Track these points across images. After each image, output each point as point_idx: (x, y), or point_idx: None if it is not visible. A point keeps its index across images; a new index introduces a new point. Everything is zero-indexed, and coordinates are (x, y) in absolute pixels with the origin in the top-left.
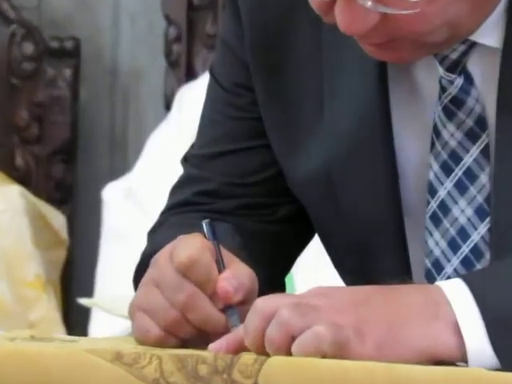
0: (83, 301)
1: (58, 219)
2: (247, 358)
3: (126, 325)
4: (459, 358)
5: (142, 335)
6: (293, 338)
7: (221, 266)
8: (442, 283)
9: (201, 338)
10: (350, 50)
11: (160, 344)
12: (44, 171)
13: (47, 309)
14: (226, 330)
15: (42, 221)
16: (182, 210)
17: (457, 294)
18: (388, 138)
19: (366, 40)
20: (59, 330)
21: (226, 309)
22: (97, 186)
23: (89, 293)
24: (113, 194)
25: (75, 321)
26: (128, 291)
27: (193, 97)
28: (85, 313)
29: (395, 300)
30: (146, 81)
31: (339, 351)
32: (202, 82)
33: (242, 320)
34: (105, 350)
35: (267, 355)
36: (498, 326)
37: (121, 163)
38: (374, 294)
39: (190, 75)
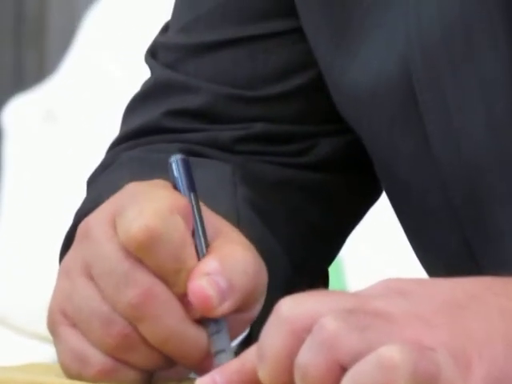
0: None
1: None
2: None
3: (42, 348)
4: None
5: (75, 366)
6: (343, 368)
7: (201, 243)
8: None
9: (174, 367)
10: None
11: (107, 379)
12: None
13: None
14: (206, 357)
15: None
16: (147, 141)
17: None
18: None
19: None
20: None
21: (207, 322)
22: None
23: None
24: (20, 117)
25: None
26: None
27: None
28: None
29: None
30: None
31: None
32: None
33: (233, 338)
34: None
35: None
36: None
37: (33, 62)
38: (488, 295)
39: None
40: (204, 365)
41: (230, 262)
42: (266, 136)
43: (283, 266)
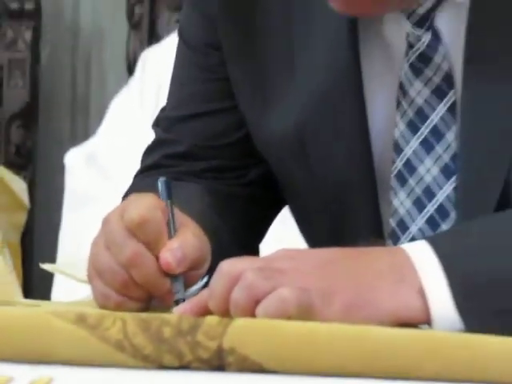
0: (46, 266)
1: (18, 184)
2: (211, 319)
3: (89, 291)
4: (424, 321)
5: (102, 302)
6: (258, 302)
7: (171, 228)
8: (407, 246)
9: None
10: (320, 6)
11: (121, 309)
12: (3, 136)
13: (3, 272)
14: (170, 295)
15: (2, 184)
16: (151, 173)
17: (422, 256)
18: (359, 96)
19: None
20: (17, 294)
21: (170, 275)
22: (58, 151)
23: (50, 259)
24: (75, 160)
25: (36, 286)
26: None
27: (156, 60)
28: (46, 278)
29: (362, 263)
30: (108, 43)
31: (305, 314)
32: (165, 44)
33: (187, 286)
34: (67, 311)
35: (232, 318)
36: (463, 290)
37: (83, 128)
38: (341, 256)
39: (153, 38)
40: (167, 300)
41: (185, 242)
42: (221, 168)
43: (229, 244)
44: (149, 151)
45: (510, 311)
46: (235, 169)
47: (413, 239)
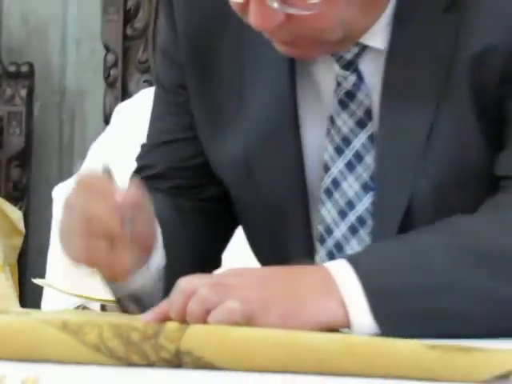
0: (37, 281)
1: (15, 213)
2: (171, 326)
3: (71, 300)
4: (346, 327)
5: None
6: (209, 312)
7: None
8: (331, 264)
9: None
10: (266, 47)
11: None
12: (3, 174)
13: (5, 286)
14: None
15: (2, 214)
16: None
17: (343, 273)
18: (295, 127)
19: (275, 37)
20: (14, 304)
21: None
22: (48, 186)
23: (41, 275)
24: (61, 193)
25: (29, 297)
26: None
27: (127, 112)
28: (38, 291)
29: (295, 281)
30: (88, 99)
31: (247, 322)
32: (135, 100)
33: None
34: (54, 319)
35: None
36: (377, 300)
37: (68, 168)
38: (279, 274)
39: (125, 94)
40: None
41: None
42: (186, 185)
43: (198, 257)
44: (133, 175)
45: (417, 316)
46: (196, 187)
47: (337, 243)
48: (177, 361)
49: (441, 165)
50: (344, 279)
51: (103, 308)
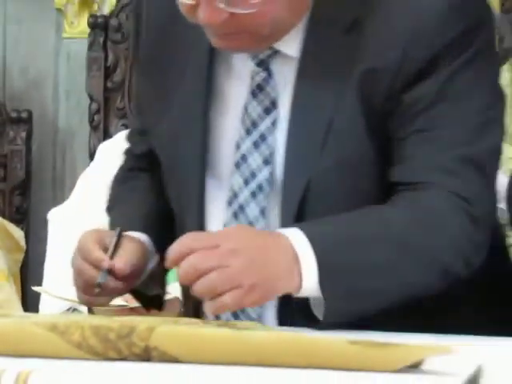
0: (36, 288)
1: (18, 233)
2: (141, 327)
3: (64, 304)
4: (298, 292)
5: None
6: (199, 277)
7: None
8: (298, 245)
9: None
10: (186, 50)
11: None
12: (7, 201)
13: (9, 293)
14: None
15: (7, 233)
16: (125, 176)
17: (306, 256)
18: (206, 114)
19: (220, 31)
20: (18, 308)
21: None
22: (44, 210)
23: (39, 283)
24: (55, 216)
25: (30, 302)
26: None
27: (108, 151)
28: (37, 296)
29: (274, 262)
30: (77, 139)
31: (235, 306)
32: (114, 141)
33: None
34: (45, 322)
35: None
36: (326, 277)
37: (60, 195)
38: (263, 256)
39: (107, 136)
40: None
41: (125, 259)
42: (150, 162)
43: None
44: (122, 157)
45: (360, 290)
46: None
47: (240, 205)
48: (146, 355)
49: (338, 152)
50: (306, 260)
51: (90, 310)
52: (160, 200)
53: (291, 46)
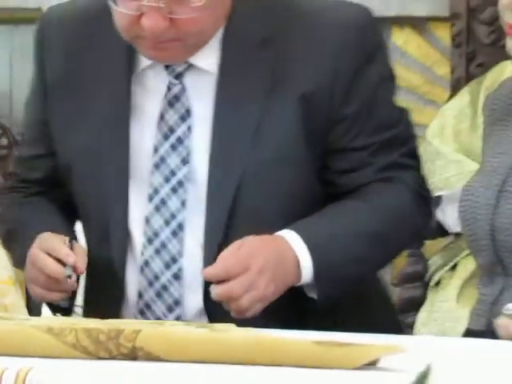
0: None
1: None
2: (128, 330)
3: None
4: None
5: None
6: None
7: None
8: (294, 246)
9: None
10: (110, 63)
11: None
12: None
13: (16, 298)
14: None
15: None
16: (24, 197)
17: (305, 260)
18: (127, 126)
19: (159, 38)
20: (23, 311)
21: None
22: None
23: None
24: None
25: (33, 305)
26: None
27: None
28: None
29: (285, 270)
30: None
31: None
32: None
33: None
34: (41, 324)
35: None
36: (320, 270)
37: None
38: (278, 265)
39: None
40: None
41: (82, 259)
42: (49, 182)
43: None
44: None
45: (348, 280)
46: (59, 186)
47: (162, 199)
48: (133, 355)
49: (267, 151)
50: (303, 257)
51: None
52: (65, 211)
53: (205, 59)
